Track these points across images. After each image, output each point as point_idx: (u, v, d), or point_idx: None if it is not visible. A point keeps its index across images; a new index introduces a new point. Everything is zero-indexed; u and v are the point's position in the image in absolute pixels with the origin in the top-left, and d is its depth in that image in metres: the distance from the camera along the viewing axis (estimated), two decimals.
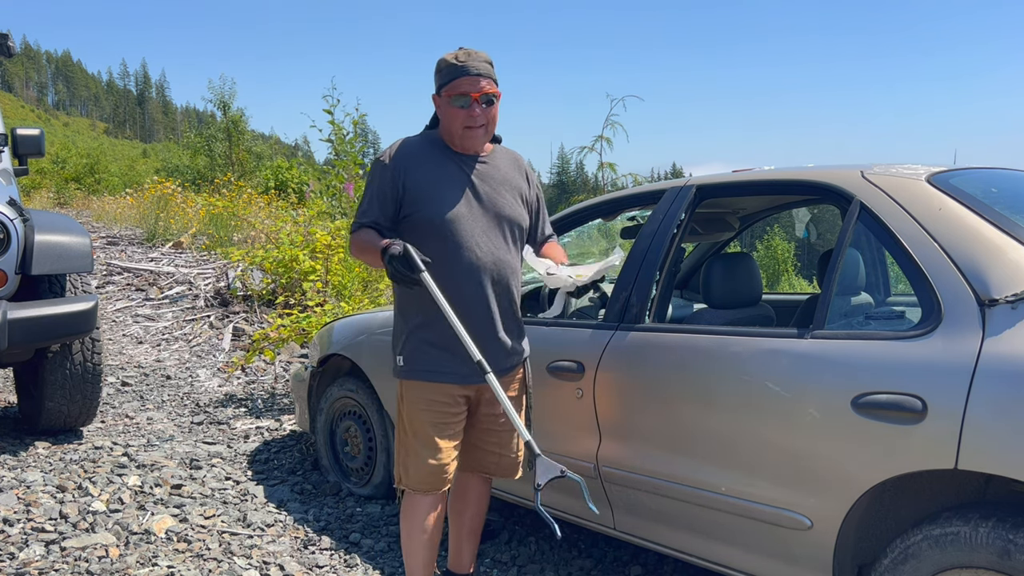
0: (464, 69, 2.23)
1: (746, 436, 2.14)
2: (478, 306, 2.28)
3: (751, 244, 25.29)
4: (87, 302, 3.84)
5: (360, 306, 5.88)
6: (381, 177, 2.31)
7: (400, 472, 2.38)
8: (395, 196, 2.29)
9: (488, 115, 2.28)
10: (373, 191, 2.32)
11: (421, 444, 2.31)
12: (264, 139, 29.24)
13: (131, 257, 10.05)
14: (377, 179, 2.32)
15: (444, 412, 2.32)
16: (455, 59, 2.25)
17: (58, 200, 21.75)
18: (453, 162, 2.33)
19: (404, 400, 2.36)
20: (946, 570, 1.78)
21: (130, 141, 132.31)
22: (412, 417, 2.33)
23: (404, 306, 2.36)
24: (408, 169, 2.29)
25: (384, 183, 2.30)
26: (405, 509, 2.41)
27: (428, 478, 2.33)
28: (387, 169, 2.30)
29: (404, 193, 2.28)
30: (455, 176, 2.31)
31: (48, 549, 2.88)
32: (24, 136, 4.60)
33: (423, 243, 2.23)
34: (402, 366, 2.34)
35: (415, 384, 2.32)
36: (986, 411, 1.70)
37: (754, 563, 2.20)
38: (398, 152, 2.32)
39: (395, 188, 2.29)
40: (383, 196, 2.30)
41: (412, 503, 2.39)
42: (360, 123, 7.99)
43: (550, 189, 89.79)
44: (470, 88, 2.23)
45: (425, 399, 2.31)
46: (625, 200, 3.01)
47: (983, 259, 1.86)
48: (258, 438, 4.48)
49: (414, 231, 2.28)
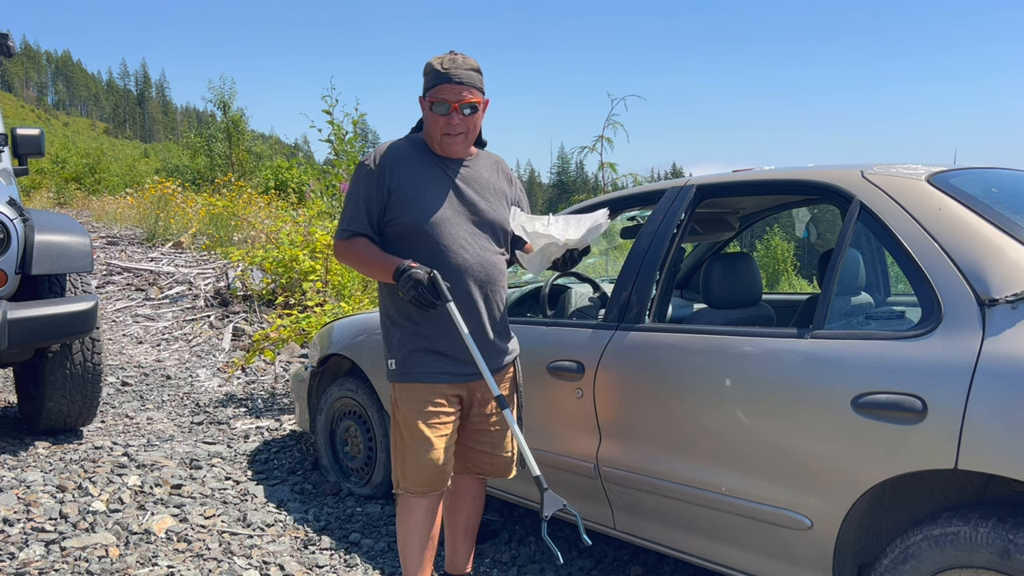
0: (447, 76, 2.23)
1: (746, 436, 2.14)
2: (467, 308, 2.29)
3: (751, 244, 25.27)
4: (87, 302, 3.84)
5: (360, 306, 5.88)
6: (367, 181, 2.30)
7: (397, 476, 2.38)
8: (381, 200, 2.30)
9: (468, 123, 2.29)
10: (359, 195, 2.31)
11: (418, 446, 2.31)
12: (264, 139, 29.21)
13: (131, 257, 10.05)
14: (363, 183, 2.31)
15: (438, 412, 2.32)
16: (440, 65, 2.25)
17: (58, 200, 21.75)
18: (437, 166, 2.34)
19: (398, 403, 2.36)
20: (946, 570, 1.78)
21: (130, 141, 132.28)
22: (407, 419, 2.33)
23: (392, 311, 2.36)
24: (393, 172, 2.30)
25: (370, 187, 2.30)
26: (402, 512, 2.41)
27: (426, 480, 2.33)
28: (372, 174, 2.30)
29: (389, 196, 2.29)
30: (439, 180, 2.32)
31: (48, 549, 2.88)
32: (24, 136, 4.60)
33: (409, 247, 2.26)
34: (395, 369, 2.34)
35: (409, 386, 2.33)
36: (986, 411, 1.70)
37: (754, 563, 2.20)
38: (383, 156, 2.32)
39: (381, 192, 2.29)
40: (369, 200, 2.30)
41: (409, 506, 2.38)
42: (360, 123, 7.99)
43: (550, 189, 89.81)
44: (451, 96, 2.23)
45: (419, 400, 2.31)
46: (625, 200, 3.01)
47: (983, 259, 1.86)
48: (258, 438, 4.48)
49: (400, 235, 2.30)
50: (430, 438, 2.31)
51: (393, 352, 2.35)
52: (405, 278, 2.16)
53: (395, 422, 2.38)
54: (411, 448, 2.32)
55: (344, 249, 2.35)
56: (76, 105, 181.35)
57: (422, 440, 2.31)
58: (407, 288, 2.16)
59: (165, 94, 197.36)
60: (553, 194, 78.17)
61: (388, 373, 2.38)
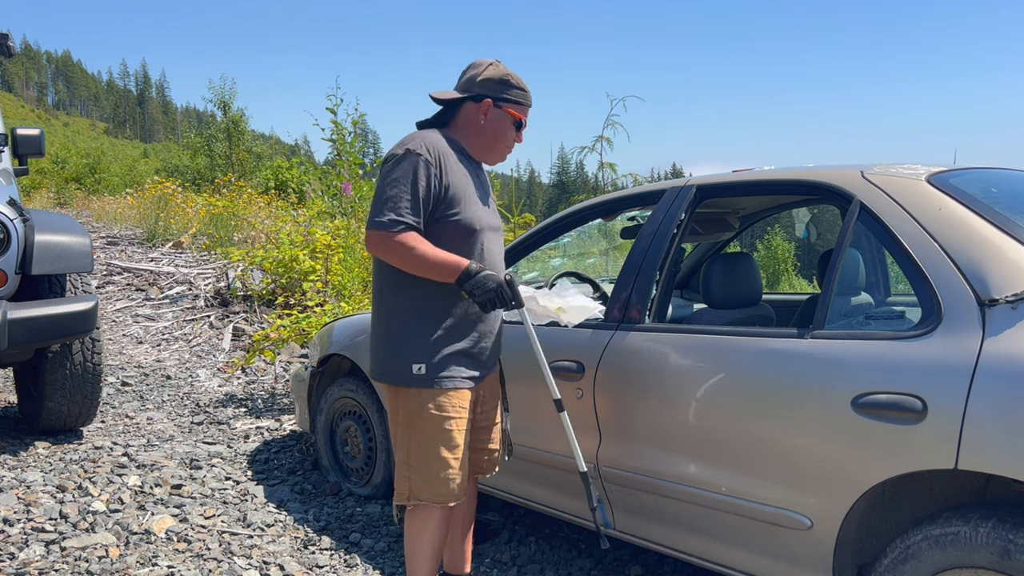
0: (528, 98, 2.37)
1: (746, 436, 2.14)
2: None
3: (751, 244, 25.29)
4: (87, 302, 3.83)
5: (360, 306, 5.89)
6: (426, 172, 2.16)
7: (416, 487, 2.26)
8: (437, 194, 2.19)
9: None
10: (417, 186, 2.15)
11: (450, 455, 2.23)
12: (264, 139, 29.20)
13: (131, 257, 10.05)
14: (422, 174, 2.15)
15: (464, 419, 2.27)
16: (523, 86, 2.35)
17: (58, 200, 21.74)
18: (471, 167, 2.33)
19: (421, 410, 2.22)
20: (946, 570, 1.78)
21: (130, 141, 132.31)
22: (437, 427, 2.22)
23: (424, 312, 2.23)
24: (447, 167, 2.21)
25: (430, 179, 2.17)
26: (417, 521, 2.31)
27: (454, 489, 2.25)
28: (430, 165, 2.17)
29: (444, 192, 2.20)
30: (476, 182, 2.33)
31: (48, 549, 2.88)
32: (24, 136, 4.60)
33: (454, 246, 2.20)
34: (424, 375, 2.21)
35: (439, 392, 2.22)
36: (986, 411, 1.70)
37: (754, 563, 2.20)
38: (436, 149, 2.21)
39: (439, 187, 2.18)
40: (427, 192, 2.17)
41: (426, 516, 2.29)
42: (360, 123, 8.00)
43: (550, 189, 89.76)
44: (525, 117, 2.37)
45: (451, 407, 2.23)
46: (625, 200, 3.01)
47: (983, 259, 1.86)
48: (258, 438, 4.48)
49: (449, 233, 2.21)
50: (460, 446, 2.25)
51: (420, 356, 2.21)
52: (481, 279, 2.13)
53: (413, 431, 2.25)
54: (438, 457, 2.22)
55: (395, 243, 2.13)
56: (76, 105, 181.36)
57: (455, 447, 2.23)
58: (483, 290, 2.13)
59: (165, 94, 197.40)
60: (553, 194, 78.12)
61: (407, 378, 2.23)
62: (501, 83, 2.30)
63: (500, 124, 2.32)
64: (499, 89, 2.30)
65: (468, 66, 2.37)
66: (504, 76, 2.31)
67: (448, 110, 2.36)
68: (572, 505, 2.69)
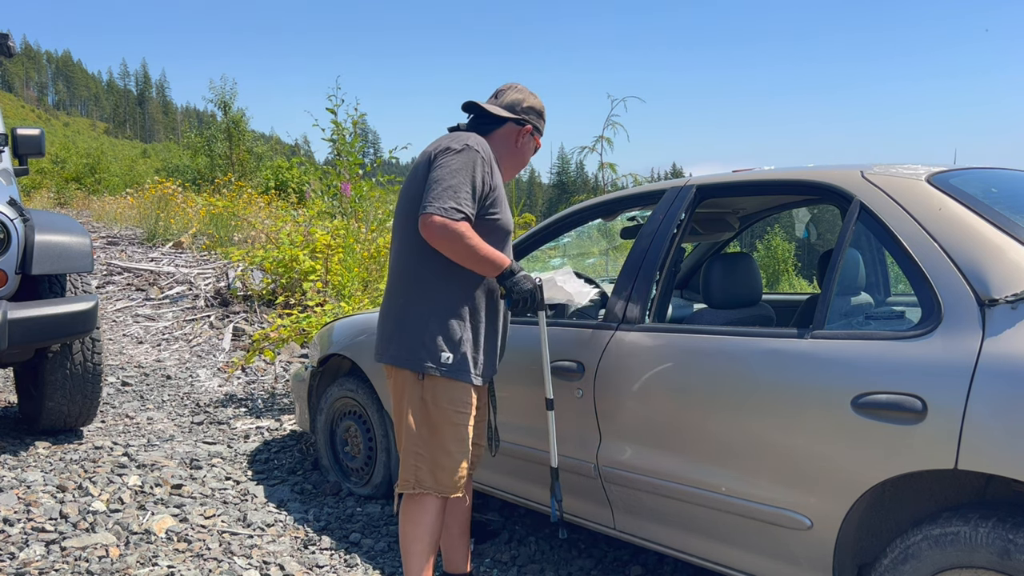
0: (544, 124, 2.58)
1: (746, 436, 2.14)
2: (502, 313, 2.46)
3: (751, 244, 25.29)
4: (87, 302, 3.84)
5: (360, 306, 5.89)
6: (483, 169, 2.26)
7: (422, 476, 2.31)
8: (484, 194, 2.28)
9: None
10: (475, 180, 2.23)
11: (458, 447, 2.32)
12: (264, 139, 29.21)
13: (131, 257, 10.05)
14: (479, 170, 2.24)
15: (474, 415, 2.38)
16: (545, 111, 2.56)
17: (58, 200, 21.75)
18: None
19: (438, 400, 2.28)
20: (946, 570, 1.78)
21: (130, 141, 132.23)
22: (449, 419, 2.29)
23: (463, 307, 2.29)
24: (494, 171, 2.35)
25: (485, 175, 2.27)
26: (414, 512, 2.35)
27: (458, 481, 2.34)
28: (485, 163, 2.28)
29: (491, 192, 2.31)
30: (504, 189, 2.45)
31: (48, 549, 2.88)
32: (24, 136, 4.60)
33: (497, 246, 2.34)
34: (451, 365, 2.26)
35: (459, 386, 2.29)
36: (986, 411, 1.70)
37: (754, 563, 2.20)
38: (487, 151, 2.33)
39: (489, 185, 2.29)
40: (482, 188, 2.26)
41: (424, 507, 2.34)
42: (360, 123, 8.01)
43: (550, 189, 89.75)
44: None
45: (465, 401, 2.32)
46: (625, 200, 3.01)
47: (983, 259, 1.86)
48: (258, 438, 4.48)
49: (487, 232, 2.31)
50: (467, 440, 2.34)
51: (452, 347, 2.27)
52: (520, 278, 2.29)
53: (426, 420, 2.29)
54: (447, 448, 2.30)
55: (454, 231, 2.15)
56: (76, 105, 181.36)
57: (463, 441, 2.33)
58: (520, 290, 2.28)
59: (165, 94, 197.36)
60: (553, 194, 78.13)
61: (428, 367, 2.25)
62: (539, 115, 2.53)
63: (527, 149, 2.53)
64: (538, 119, 2.52)
65: (508, 87, 2.52)
66: (542, 109, 2.54)
67: (487, 122, 2.46)
68: (572, 505, 2.69)
